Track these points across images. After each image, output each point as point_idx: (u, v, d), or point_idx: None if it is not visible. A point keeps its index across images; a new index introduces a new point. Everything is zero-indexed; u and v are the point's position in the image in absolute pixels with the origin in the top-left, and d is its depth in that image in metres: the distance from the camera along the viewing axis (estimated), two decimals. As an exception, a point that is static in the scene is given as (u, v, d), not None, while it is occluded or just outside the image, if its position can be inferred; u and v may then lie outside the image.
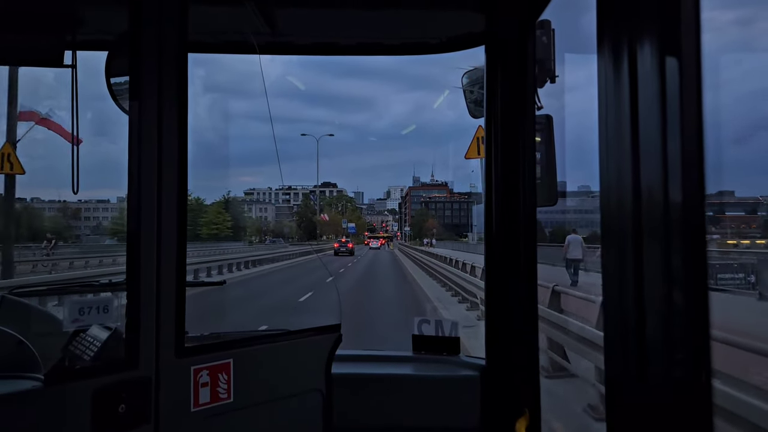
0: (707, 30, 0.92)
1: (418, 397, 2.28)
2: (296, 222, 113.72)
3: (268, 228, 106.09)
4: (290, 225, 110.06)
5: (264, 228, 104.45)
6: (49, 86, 26.77)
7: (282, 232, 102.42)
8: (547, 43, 1.95)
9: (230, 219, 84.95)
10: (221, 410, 1.87)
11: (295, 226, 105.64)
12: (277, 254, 42.92)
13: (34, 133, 12.64)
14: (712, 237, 26.14)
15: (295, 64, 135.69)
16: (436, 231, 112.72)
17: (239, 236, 77.33)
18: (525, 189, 2.09)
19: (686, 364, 0.92)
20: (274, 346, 2.08)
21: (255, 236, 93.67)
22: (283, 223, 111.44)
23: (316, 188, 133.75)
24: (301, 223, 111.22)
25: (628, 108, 1.01)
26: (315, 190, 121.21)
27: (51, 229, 59.67)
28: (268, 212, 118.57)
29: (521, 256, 2.12)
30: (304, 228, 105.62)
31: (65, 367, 1.78)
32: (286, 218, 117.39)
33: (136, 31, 1.75)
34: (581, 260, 18.83)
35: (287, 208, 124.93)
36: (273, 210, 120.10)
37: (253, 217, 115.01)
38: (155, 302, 1.74)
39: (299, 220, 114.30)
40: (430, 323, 2.48)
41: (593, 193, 30.87)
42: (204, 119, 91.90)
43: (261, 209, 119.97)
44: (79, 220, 74.09)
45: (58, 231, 60.26)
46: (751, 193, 45.90)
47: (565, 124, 2.11)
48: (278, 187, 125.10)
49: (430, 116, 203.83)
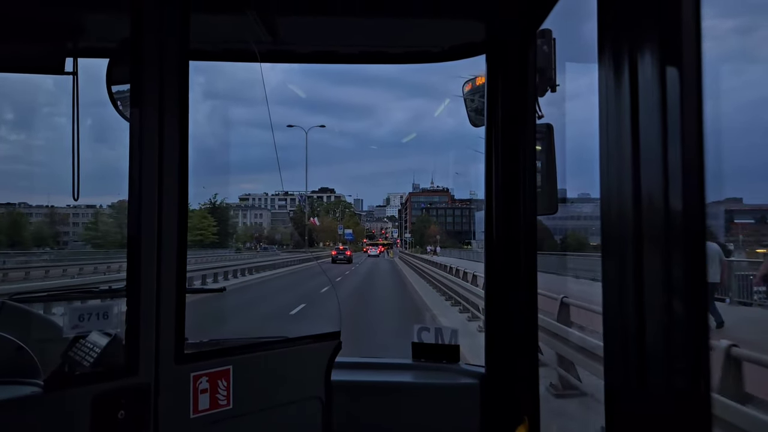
0: (707, 38, 0.94)
1: (417, 405, 2.31)
2: (292, 228, 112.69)
3: (262, 234, 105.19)
4: (284, 231, 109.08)
5: (256, 234, 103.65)
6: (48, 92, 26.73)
7: (275, 238, 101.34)
8: (548, 51, 2.00)
9: (215, 224, 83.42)
10: (221, 417, 1.90)
11: (288, 233, 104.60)
12: (264, 263, 40.09)
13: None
14: (729, 245, 24.29)
15: (296, 71, 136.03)
16: (439, 238, 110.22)
17: (226, 243, 76.07)
18: (525, 197, 2.13)
19: (685, 373, 0.94)
20: (273, 353, 2.12)
21: (246, 243, 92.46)
22: (277, 230, 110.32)
23: (313, 194, 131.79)
24: (297, 229, 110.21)
25: (628, 116, 1.03)
26: (303, 195, 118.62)
27: (35, 235, 59.12)
28: (263, 218, 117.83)
29: (521, 264, 2.16)
30: (299, 234, 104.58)
31: (65, 373, 1.81)
32: (283, 225, 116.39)
33: (138, 38, 1.79)
34: (718, 284, 11.81)
35: (284, 214, 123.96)
36: (269, 216, 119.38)
37: (247, 223, 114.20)
38: (155, 309, 1.78)
39: (294, 226, 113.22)
40: (429, 331, 2.51)
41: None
42: (203, 126, 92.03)
43: (256, 215, 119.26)
44: (68, 225, 73.81)
45: (42, 237, 59.65)
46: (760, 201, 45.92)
47: (566, 133, 2.16)
48: (274, 192, 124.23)
49: (431, 124, 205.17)
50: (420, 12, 2.26)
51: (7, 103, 69.52)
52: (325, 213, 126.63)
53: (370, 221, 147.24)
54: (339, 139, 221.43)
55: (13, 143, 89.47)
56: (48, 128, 61.61)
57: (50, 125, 56.55)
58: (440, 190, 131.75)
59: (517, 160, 2.17)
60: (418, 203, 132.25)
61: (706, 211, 0.93)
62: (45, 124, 61.81)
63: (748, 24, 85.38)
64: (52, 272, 24.37)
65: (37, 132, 69.42)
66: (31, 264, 28.37)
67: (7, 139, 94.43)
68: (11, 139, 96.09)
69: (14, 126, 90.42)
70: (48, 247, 56.24)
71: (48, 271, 24.65)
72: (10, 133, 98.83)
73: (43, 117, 62.82)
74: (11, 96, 63.56)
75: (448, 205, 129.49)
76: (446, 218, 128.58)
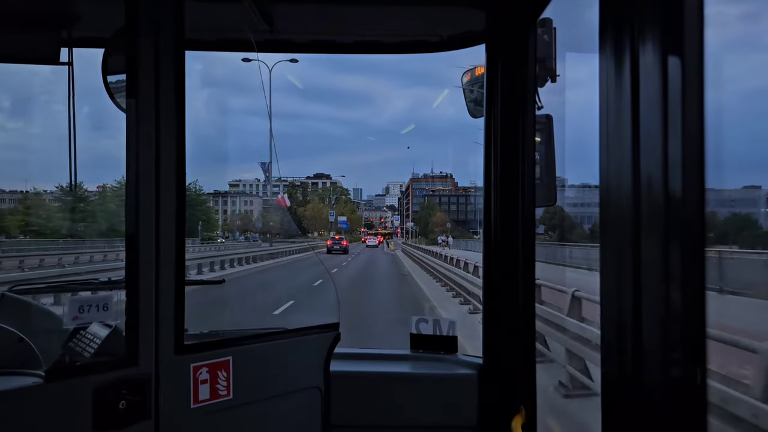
0: (712, 25, 0.95)
1: (415, 395, 2.41)
2: (280, 216, 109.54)
3: (251, 223, 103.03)
4: (274, 219, 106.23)
5: (238, 223, 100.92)
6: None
7: (264, 227, 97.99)
8: (548, 41, 2.05)
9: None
10: (221, 407, 1.99)
11: (279, 221, 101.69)
12: (230, 255, 34.08)
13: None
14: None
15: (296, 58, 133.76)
16: (450, 227, 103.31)
17: (194, 232, 73.05)
18: (524, 189, 2.19)
19: (682, 364, 0.98)
20: (273, 343, 2.21)
21: (218, 232, 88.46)
22: (266, 218, 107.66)
23: (308, 179, 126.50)
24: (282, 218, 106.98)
25: (629, 106, 1.06)
26: (265, 164, 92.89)
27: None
28: (254, 205, 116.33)
29: (520, 255, 2.23)
30: (293, 223, 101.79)
31: (66, 363, 1.89)
32: (276, 213, 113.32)
33: (133, 28, 1.84)
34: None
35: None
36: (260, 203, 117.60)
37: (236, 211, 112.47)
38: (154, 300, 1.85)
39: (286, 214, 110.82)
40: (428, 322, 2.60)
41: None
42: (201, 113, 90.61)
43: (246, 202, 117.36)
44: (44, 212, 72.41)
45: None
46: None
47: (566, 123, 2.21)
48: (265, 178, 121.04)
49: (431, 113, 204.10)
50: (418, 1, 2.31)
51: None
52: (319, 200, 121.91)
53: (369, 210, 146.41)
54: (338, 128, 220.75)
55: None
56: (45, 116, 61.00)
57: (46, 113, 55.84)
58: (444, 176, 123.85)
59: (517, 151, 2.23)
60: (420, 190, 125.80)
61: (706, 200, 0.95)
62: (41, 112, 61.22)
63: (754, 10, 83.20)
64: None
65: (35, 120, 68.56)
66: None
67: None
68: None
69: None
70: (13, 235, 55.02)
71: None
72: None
73: (40, 105, 61.95)
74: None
75: (452, 192, 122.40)
76: (449, 206, 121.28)
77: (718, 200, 23.76)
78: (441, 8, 2.39)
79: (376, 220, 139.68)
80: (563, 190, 16.22)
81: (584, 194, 46.20)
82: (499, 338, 2.35)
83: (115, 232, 32.60)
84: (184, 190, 1.96)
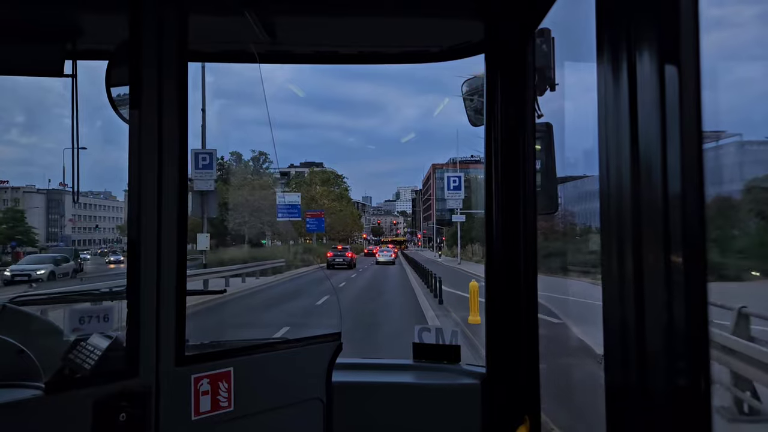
0: (728, 26, 0.96)
1: (418, 406, 2.39)
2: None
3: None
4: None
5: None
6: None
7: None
8: (547, 51, 2.07)
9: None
10: (222, 419, 1.97)
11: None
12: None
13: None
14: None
15: (304, 68, 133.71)
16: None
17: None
18: (525, 197, 2.20)
19: (686, 372, 0.98)
20: (274, 354, 2.20)
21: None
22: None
23: (291, 167, 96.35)
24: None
25: (627, 114, 1.08)
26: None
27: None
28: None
29: (522, 264, 2.23)
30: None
31: (66, 375, 1.88)
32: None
33: (136, 40, 1.86)
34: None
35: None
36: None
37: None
38: (155, 311, 1.85)
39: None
40: (430, 331, 2.59)
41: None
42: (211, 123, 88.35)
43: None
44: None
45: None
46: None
47: (565, 131, 2.24)
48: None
49: (438, 120, 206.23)
50: (419, 12, 2.32)
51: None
52: (303, 188, 75.43)
53: (379, 215, 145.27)
54: (347, 137, 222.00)
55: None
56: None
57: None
58: (476, 160, 76.52)
59: (517, 159, 2.23)
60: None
61: (705, 208, 0.96)
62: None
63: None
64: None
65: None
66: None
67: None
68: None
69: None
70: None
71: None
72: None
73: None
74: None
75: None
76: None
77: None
78: (441, 19, 2.41)
79: (386, 225, 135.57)
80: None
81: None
82: (502, 348, 2.34)
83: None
84: (186, 201, 1.96)
